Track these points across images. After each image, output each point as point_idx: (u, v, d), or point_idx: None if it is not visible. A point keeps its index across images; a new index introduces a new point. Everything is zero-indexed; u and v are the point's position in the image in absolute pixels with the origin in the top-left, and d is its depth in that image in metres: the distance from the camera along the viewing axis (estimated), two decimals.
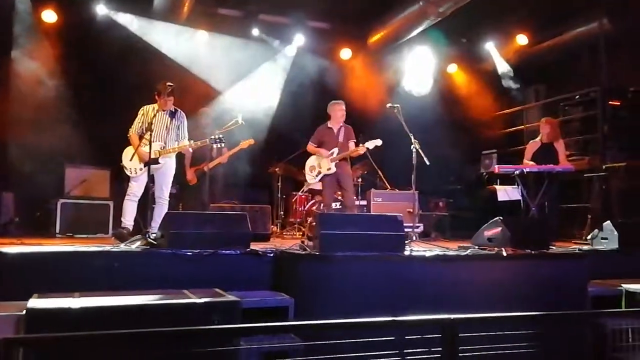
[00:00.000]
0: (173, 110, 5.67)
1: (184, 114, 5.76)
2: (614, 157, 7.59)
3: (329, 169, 6.72)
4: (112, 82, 7.33)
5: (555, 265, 4.79)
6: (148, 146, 5.26)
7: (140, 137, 5.57)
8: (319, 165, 6.85)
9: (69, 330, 2.82)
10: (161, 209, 5.55)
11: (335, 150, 6.75)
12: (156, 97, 5.61)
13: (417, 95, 9.32)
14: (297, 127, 9.25)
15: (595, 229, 6.03)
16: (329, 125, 6.88)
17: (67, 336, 2.30)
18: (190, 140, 5.80)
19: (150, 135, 5.19)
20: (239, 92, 8.60)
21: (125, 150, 5.64)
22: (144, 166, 5.46)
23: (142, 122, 5.59)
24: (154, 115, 5.48)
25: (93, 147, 7.33)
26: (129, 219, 5.52)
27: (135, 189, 5.52)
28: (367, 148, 6.61)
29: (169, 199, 5.75)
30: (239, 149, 7.22)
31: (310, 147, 6.97)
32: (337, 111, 6.82)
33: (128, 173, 5.59)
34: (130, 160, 5.55)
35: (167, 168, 5.67)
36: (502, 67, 9.56)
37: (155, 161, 5.44)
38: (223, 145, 5.90)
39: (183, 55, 8.25)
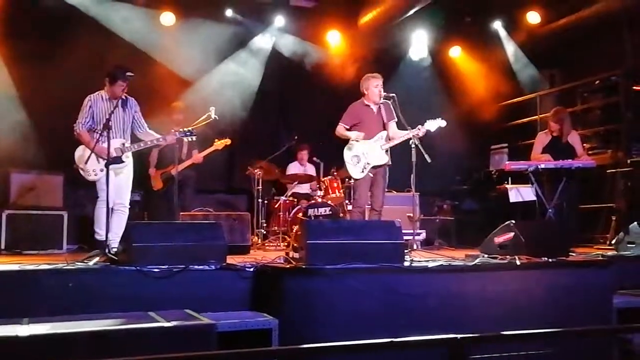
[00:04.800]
0: (124, 98, 5.58)
1: (135, 101, 5.69)
2: None
3: (380, 158, 6.21)
4: (61, 71, 7.22)
5: (576, 275, 4.83)
6: (106, 142, 5.19)
7: (90, 132, 5.48)
8: (364, 155, 6.21)
9: None
10: (120, 218, 5.49)
11: (383, 134, 6.28)
12: (107, 82, 5.50)
13: (415, 83, 9.35)
14: (278, 121, 9.28)
15: (621, 232, 6.09)
16: (366, 103, 6.38)
17: None
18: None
19: (108, 130, 5.09)
20: (211, 82, 8.57)
21: (78, 150, 5.54)
22: (106, 166, 5.30)
23: (91, 114, 5.48)
24: (113, 107, 5.39)
25: (43, 149, 7.26)
26: (104, 229, 5.41)
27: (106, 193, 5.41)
28: (428, 130, 5.98)
29: (129, 206, 5.69)
30: (212, 150, 7.17)
31: (342, 130, 6.33)
32: (373, 86, 6.29)
33: (87, 177, 5.48)
34: (87, 162, 5.40)
35: (130, 169, 5.64)
36: (512, 49, 9.63)
37: (119, 160, 5.40)
38: (194, 138, 5.87)
39: (145, 39, 8.18)
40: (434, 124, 6.07)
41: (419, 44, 9.68)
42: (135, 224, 4.83)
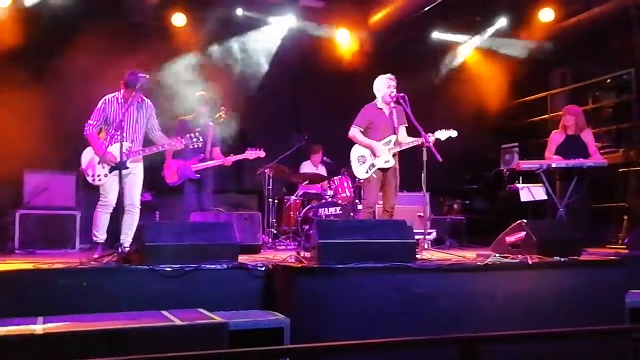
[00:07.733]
0: (140, 101, 5.53)
1: (151, 104, 5.61)
2: None
3: (387, 161, 6.20)
4: (74, 69, 7.21)
5: (588, 274, 4.81)
6: (115, 145, 5.24)
7: (99, 134, 5.46)
8: (370, 157, 6.25)
9: (32, 359, 2.83)
10: (132, 218, 5.48)
11: (392, 137, 6.28)
12: (123, 87, 5.45)
13: (425, 82, 9.34)
14: (289, 121, 9.30)
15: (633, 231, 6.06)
16: (379, 106, 6.36)
17: None
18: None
19: (121, 133, 5.16)
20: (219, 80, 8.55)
21: (85, 152, 5.48)
22: (110, 171, 5.37)
23: (104, 117, 5.44)
24: (125, 110, 5.37)
25: (55, 148, 7.28)
26: (102, 233, 5.48)
27: (111, 198, 5.40)
28: (438, 139, 6.11)
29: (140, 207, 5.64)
30: (244, 157, 6.98)
31: (356, 132, 6.29)
32: (385, 87, 6.24)
33: (90, 180, 5.44)
34: (92, 166, 5.41)
35: (140, 169, 5.59)
36: (522, 48, 9.57)
37: (124, 165, 5.22)
38: (201, 144, 5.76)
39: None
40: (444, 134, 6.14)
41: (429, 41, 9.67)
42: (147, 224, 4.86)
